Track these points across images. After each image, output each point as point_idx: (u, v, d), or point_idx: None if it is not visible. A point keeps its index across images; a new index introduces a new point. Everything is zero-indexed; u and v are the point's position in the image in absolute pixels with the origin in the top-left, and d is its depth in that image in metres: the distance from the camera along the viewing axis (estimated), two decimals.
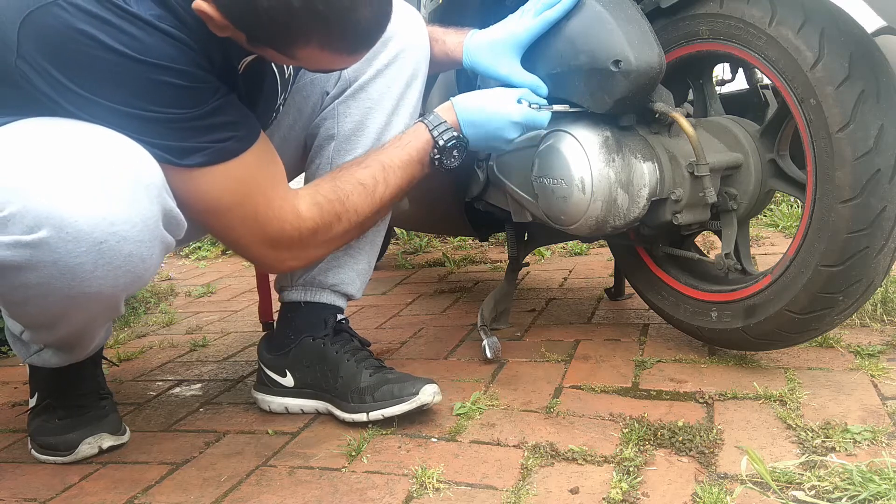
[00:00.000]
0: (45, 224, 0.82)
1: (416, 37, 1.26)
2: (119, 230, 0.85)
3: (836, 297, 1.14)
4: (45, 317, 0.97)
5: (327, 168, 1.24)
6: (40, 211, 0.81)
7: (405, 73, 1.25)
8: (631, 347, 1.48)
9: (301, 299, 1.28)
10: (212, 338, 1.88)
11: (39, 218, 0.81)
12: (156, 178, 0.90)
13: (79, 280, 0.85)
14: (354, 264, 1.29)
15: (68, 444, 1.16)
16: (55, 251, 0.83)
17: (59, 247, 0.82)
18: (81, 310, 0.94)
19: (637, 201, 1.24)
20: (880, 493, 0.85)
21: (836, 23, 1.09)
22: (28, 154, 0.86)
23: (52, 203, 0.82)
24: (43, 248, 0.82)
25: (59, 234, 0.82)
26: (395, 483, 1.00)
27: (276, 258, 1.10)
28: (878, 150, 1.06)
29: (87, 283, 0.85)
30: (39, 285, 0.85)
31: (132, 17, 0.87)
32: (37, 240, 0.82)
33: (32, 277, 0.84)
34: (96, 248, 0.84)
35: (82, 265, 0.84)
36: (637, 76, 1.15)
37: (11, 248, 0.82)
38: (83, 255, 0.83)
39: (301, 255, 1.13)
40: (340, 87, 1.24)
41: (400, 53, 1.24)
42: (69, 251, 0.83)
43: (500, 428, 1.15)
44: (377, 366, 1.23)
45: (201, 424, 1.28)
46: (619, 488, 0.93)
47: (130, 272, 0.88)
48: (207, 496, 1.01)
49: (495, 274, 2.36)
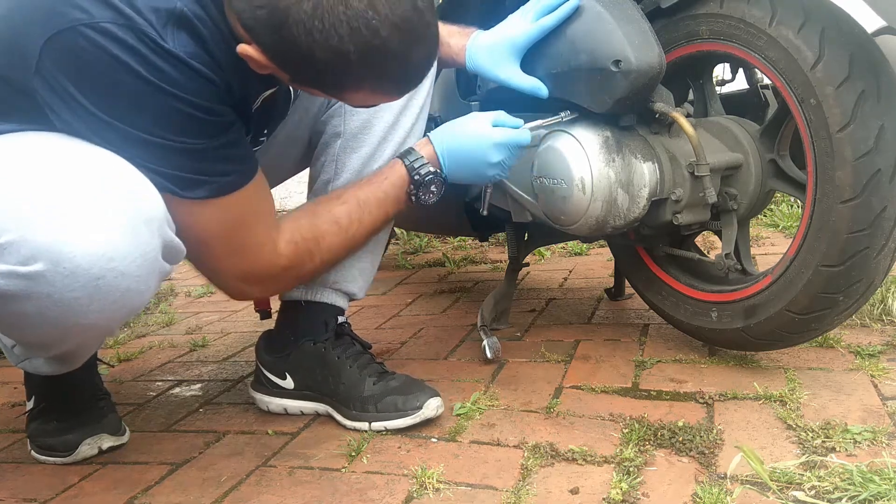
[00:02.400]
0: (42, 257, 0.79)
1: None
2: (118, 266, 0.82)
3: (836, 298, 1.14)
4: (38, 341, 0.97)
5: (332, 166, 1.23)
6: (38, 243, 0.79)
7: None
8: (631, 347, 1.48)
9: (301, 298, 1.27)
10: (212, 338, 1.88)
11: (37, 250, 0.79)
12: (157, 212, 0.87)
13: (74, 313, 0.82)
14: (356, 262, 1.27)
15: (68, 445, 1.16)
16: (51, 284, 0.80)
17: (56, 281, 0.80)
18: (75, 337, 0.93)
19: (637, 201, 1.24)
20: (880, 494, 0.85)
21: (836, 23, 1.09)
22: (30, 179, 0.84)
23: (50, 236, 0.79)
24: (38, 280, 0.80)
25: (55, 268, 0.79)
26: (395, 483, 1.00)
27: (244, 290, 1.11)
28: (878, 150, 1.05)
29: (82, 316, 0.83)
30: (34, 315, 0.83)
31: (165, 52, 0.85)
32: (33, 272, 0.79)
33: (27, 307, 0.82)
34: (93, 284, 0.81)
35: (78, 300, 0.81)
36: (637, 76, 1.15)
37: (6, 278, 0.80)
38: (79, 290, 0.81)
39: (268, 288, 1.18)
40: None
41: None
42: (65, 286, 0.80)
43: (500, 428, 1.15)
44: (380, 372, 1.23)
45: (201, 424, 1.28)
46: (619, 488, 0.93)
47: (126, 306, 0.86)
48: (207, 496, 1.01)
49: (495, 274, 2.36)
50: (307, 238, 1.09)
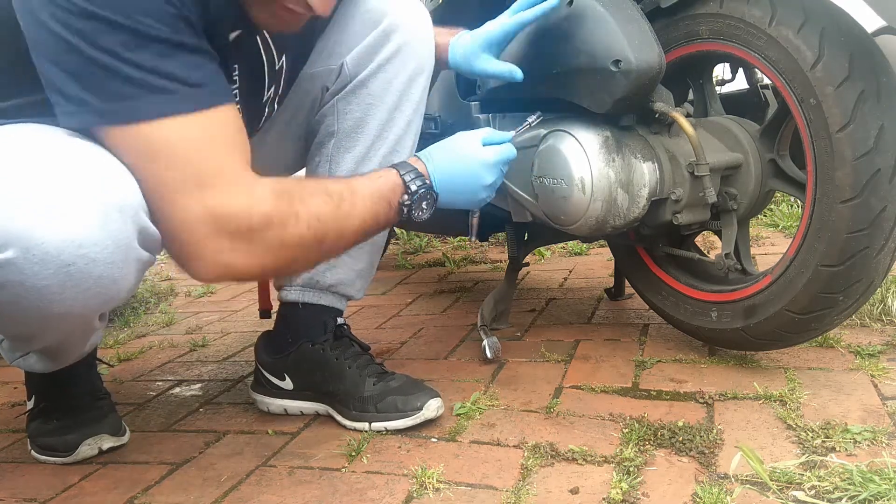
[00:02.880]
0: (13, 244, 0.78)
1: (420, 30, 1.23)
2: (88, 252, 0.80)
3: (836, 297, 1.14)
4: (19, 332, 0.96)
5: (327, 165, 1.23)
6: (8, 230, 0.78)
7: (408, 67, 1.21)
8: (631, 347, 1.48)
9: (299, 300, 1.26)
10: (212, 338, 1.88)
11: (7, 238, 0.78)
12: (131, 199, 0.84)
13: (46, 301, 0.82)
14: (354, 264, 1.27)
15: (68, 446, 1.16)
16: (21, 272, 0.79)
17: (26, 268, 0.79)
18: (53, 328, 0.92)
19: (637, 201, 1.24)
20: (880, 493, 0.85)
21: (836, 23, 1.09)
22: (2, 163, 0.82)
23: (19, 223, 0.78)
24: (9, 268, 0.79)
25: (24, 255, 0.78)
26: (395, 483, 1.00)
27: (215, 247, 0.89)
28: (878, 150, 1.06)
29: (55, 304, 0.82)
30: (9, 303, 0.82)
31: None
32: (3, 260, 0.79)
33: (1, 295, 0.81)
34: (64, 271, 0.80)
35: (48, 287, 0.80)
36: (637, 76, 1.15)
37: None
38: (50, 278, 0.80)
39: (245, 251, 0.91)
40: (341, 82, 1.22)
41: (403, 47, 1.20)
42: (35, 273, 0.79)
43: (500, 428, 1.15)
44: (379, 373, 1.22)
45: (201, 424, 1.28)
46: (619, 488, 0.93)
47: (101, 294, 0.84)
48: (207, 496, 1.01)
49: (495, 274, 2.36)
50: (293, 194, 0.94)
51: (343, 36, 1.22)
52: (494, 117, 1.46)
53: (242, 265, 0.91)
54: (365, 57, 1.20)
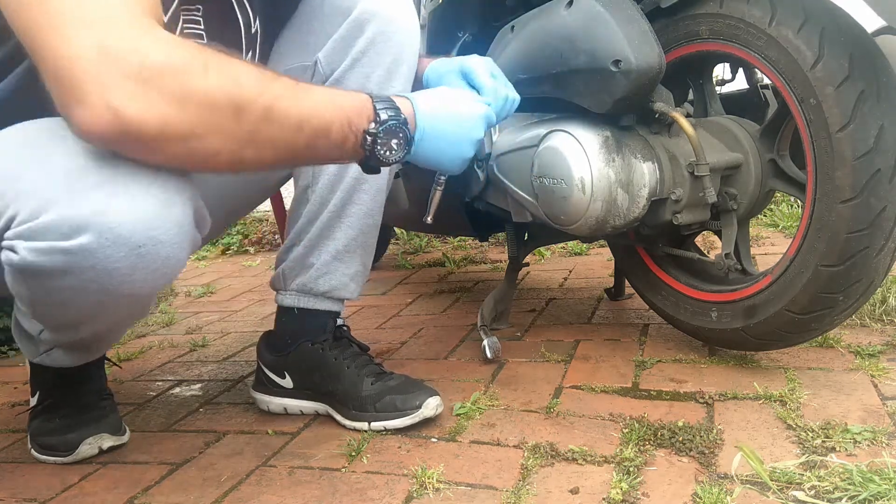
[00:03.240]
0: (88, 230, 0.80)
1: (397, 17, 1.15)
2: (157, 234, 0.83)
3: (836, 297, 1.14)
4: (73, 318, 0.96)
5: (309, 171, 1.20)
6: (83, 216, 0.80)
7: (385, 59, 1.14)
8: (631, 347, 1.48)
9: (295, 305, 1.26)
10: (212, 338, 1.88)
11: (81, 223, 0.80)
12: (187, 181, 0.87)
13: (116, 283, 0.84)
14: (346, 269, 1.24)
15: (68, 445, 1.16)
16: (94, 256, 0.81)
17: (99, 252, 0.81)
18: (112, 311, 0.93)
19: (637, 201, 1.24)
20: (880, 494, 0.85)
21: (836, 23, 1.09)
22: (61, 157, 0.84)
23: (92, 208, 0.80)
24: (82, 253, 0.81)
25: (99, 239, 0.80)
26: (395, 483, 1.00)
27: (102, 85, 0.75)
28: (878, 150, 1.05)
29: (123, 285, 0.84)
30: (73, 288, 0.84)
31: None
32: (76, 245, 0.80)
33: (67, 281, 0.83)
34: (135, 253, 0.82)
35: (119, 269, 0.82)
36: (637, 76, 1.15)
37: (46, 254, 0.81)
38: (122, 260, 0.82)
39: (138, 96, 0.76)
40: (317, 81, 1.16)
41: (377, 37, 1.13)
42: (107, 256, 0.81)
43: (500, 428, 1.15)
44: (378, 373, 1.22)
45: (201, 424, 1.28)
46: (619, 488, 0.93)
47: (166, 274, 0.87)
48: (207, 496, 1.01)
49: (495, 274, 2.36)
50: (205, 48, 0.82)
51: (314, 25, 1.16)
52: None
53: (135, 113, 0.76)
54: (338, 51, 1.14)
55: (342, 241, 1.22)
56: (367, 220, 1.23)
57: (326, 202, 1.21)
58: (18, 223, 0.82)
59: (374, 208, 1.23)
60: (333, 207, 1.20)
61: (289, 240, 1.26)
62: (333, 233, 1.22)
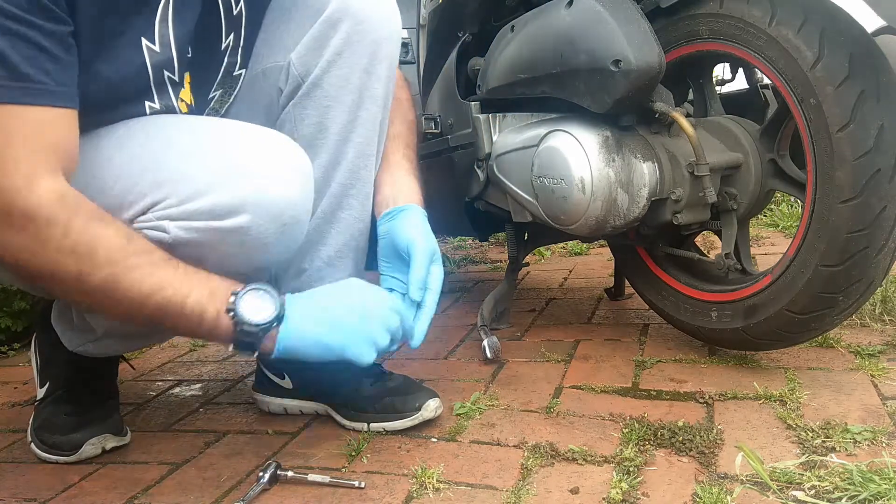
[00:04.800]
0: (246, 210, 0.91)
1: (371, 12, 1.10)
2: (296, 213, 0.96)
3: (836, 297, 1.14)
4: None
5: None
6: (241, 198, 0.90)
7: (361, 59, 1.09)
8: (631, 347, 1.48)
9: None
10: None
11: (241, 204, 0.90)
12: (308, 163, 1.00)
13: (258, 256, 0.96)
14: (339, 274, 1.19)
15: (73, 444, 1.15)
16: (247, 233, 0.92)
17: (253, 229, 0.92)
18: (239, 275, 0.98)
19: (637, 201, 1.24)
20: (880, 493, 0.85)
21: (836, 23, 1.09)
22: (209, 148, 0.94)
23: (250, 190, 0.91)
24: (237, 231, 0.91)
25: (256, 218, 0.91)
26: (395, 483, 1.00)
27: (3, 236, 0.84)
28: (878, 150, 1.06)
29: (263, 258, 0.97)
30: (214, 261, 0.92)
31: None
32: (233, 224, 0.91)
33: (210, 254, 0.92)
34: (280, 230, 0.94)
35: (267, 245, 0.94)
36: (637, 76, 1.15)
37: (200, 232, 0.91)
38: (271, 236, 0.93)
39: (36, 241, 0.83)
40: (292, 84, 1.11)
41: (352, 36, 1.08)
42: (260, 233, 0.92)
43: (500, 428, 1.15)
44: (377, 373, 1.22)
45: (201, 424, 1.28)
46: (619, 488, 0.93)
47: (293, 248, 1.01)
48: (207, 496, 1.01)
49: (495, 274, 2.36)
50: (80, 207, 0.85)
51: (290, 25, 1.12)
52: (494, 117, 1.46)
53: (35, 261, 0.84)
54: (312, 52, 1.09)
55: (334, 246, 1.19)
56: (359, 225, 1.19)
57: (315, 207, 1.17)
58: (166, 206, 0.91)
59: (363, 212, 1.18)
60: (322, 213, 1.16)
61: None
62: (325, 238, 1.17)
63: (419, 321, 1.05)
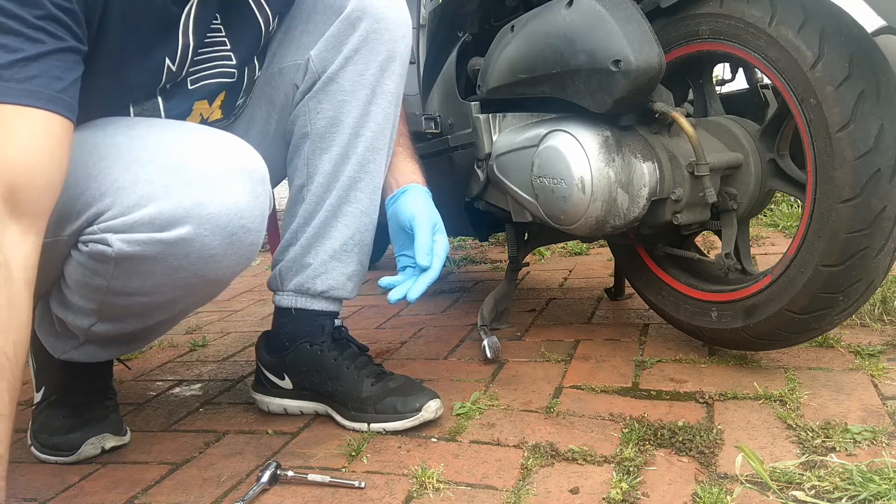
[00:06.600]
0: (188, 221, 0.87)
1: (389, 13, 1.15)
2: (246, 223, 0.92)
3: (836, 297, 1.14)
4: (149, 305, 1.00)
5: (304, 169, 1.20)
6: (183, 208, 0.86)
7: (378, 56, 1.15)
8: (631, 347, 1.48)
9: (292, 306, 1.25)
10: (212, 338, 1.88)
11: (182, 215, 0.86)
12: (264, 171, 0.96)
13: (208, 269, 0.91)
14: (344, 268, 1.23)
15: (71, 445, 1.15)
16: (191, 245, 0.88)
17: (196, 241, 0.88)
18: (193, 295, 0.99)
19: (637, 201, 1.24)
20: (880, 493, 0.85)
21: (836, 23, 1.09)
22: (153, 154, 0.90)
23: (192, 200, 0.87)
24: (180, 243, 0.87)
25: (198, 229, 0.87)
26: (395, 483, 1.00)
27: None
28: (878, 150, 1.05)
29: (214, 271, 0.92)
30: (162, 274, 0.90)
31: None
32: (175, 236, 0.87)
33: (156, 268, 0.89)
34: (228, 241, 0.90)
35: (214, 256, 0.90)
36: (637, 76, 1.15)
37: (142, 245, 0.87)
38: (217, 248, 0.90)
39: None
40: (309, 80, 1.17)
41: (370, 35, 1.14)
42: (205, 245, 0.89)
43: (500, 428, 1.15)
44: (378, 373, 1.22)
45: (201, 424, 1.28)
46: (619, 488, 0.93)
47: (247, 258, 0.96)
48: (207, 496, 1.01)
49: (495, 274, 2.36)
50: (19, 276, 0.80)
51: (308, 25, 1.17)
52: (495, 117, 1.46)
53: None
54: (331, 49, 1.15)
55: (339, 240, 1.21)
56: (364, 219, 1.22)
57: (322, 201, 1.20)
58: (109, 218, 0.87)
59: (370, 207, 1.22)
60: (329, 206, 1.20)
61: (285, 239, 1.25)
62: (330, 232, 1.21)
63: (421, 278, 1.12)
